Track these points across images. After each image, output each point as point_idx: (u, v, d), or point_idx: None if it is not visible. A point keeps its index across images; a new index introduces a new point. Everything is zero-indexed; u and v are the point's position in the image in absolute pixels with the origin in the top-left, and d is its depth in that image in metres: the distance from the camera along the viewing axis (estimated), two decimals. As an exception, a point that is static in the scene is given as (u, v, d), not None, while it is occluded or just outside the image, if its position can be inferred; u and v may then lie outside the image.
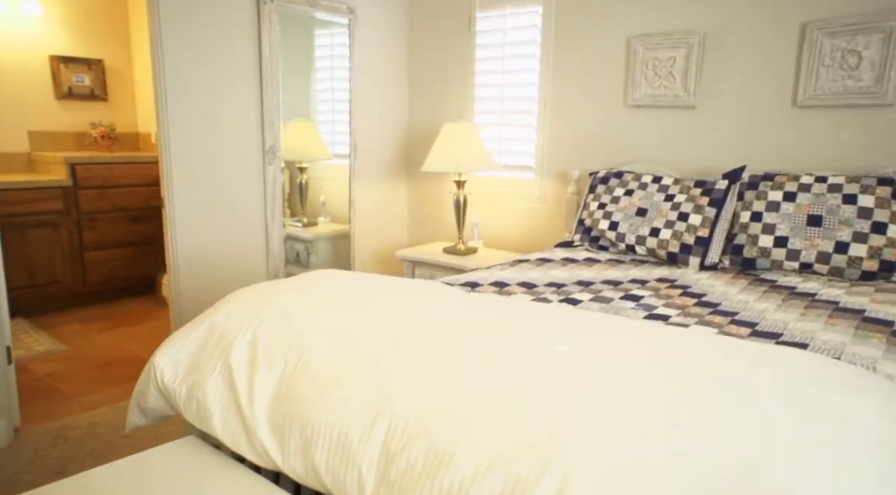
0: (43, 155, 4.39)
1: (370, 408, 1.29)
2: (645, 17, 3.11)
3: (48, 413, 2.86)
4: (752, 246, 2.56)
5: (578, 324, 1.61)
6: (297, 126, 3.94)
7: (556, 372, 1.29)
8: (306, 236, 4.00)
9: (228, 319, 1.71)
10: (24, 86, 4.47)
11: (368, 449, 1.25)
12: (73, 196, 4.23)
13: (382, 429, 1.25)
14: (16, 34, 4.38)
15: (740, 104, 2.91)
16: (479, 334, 1.51)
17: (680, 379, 1.25)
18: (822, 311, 2.01)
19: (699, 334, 1.60)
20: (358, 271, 3.93)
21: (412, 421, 1.23)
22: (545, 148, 3.52)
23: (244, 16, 3.13)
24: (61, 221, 4.20)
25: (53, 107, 4.62)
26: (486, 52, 3.67)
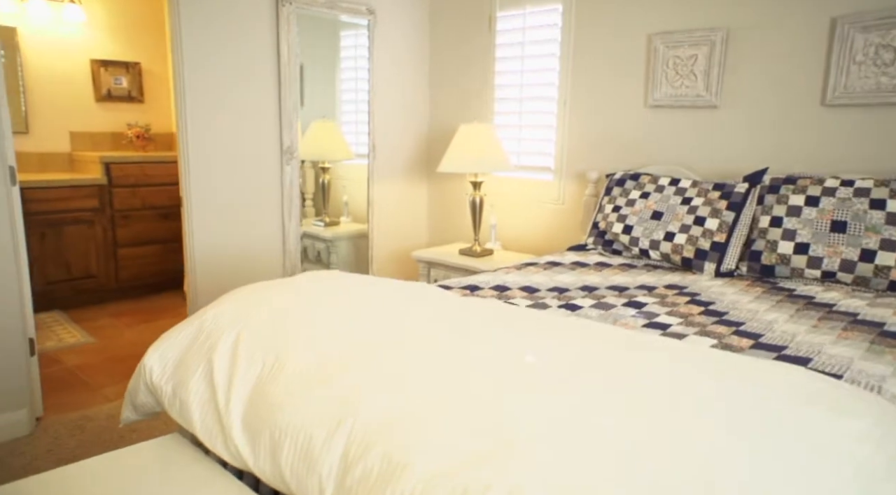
0: (82, 154, 4.55)
1: (334, 413, 1.28)
2: (666, 14, 3.01)
3: (71, 403, 2.95)
4: (771, 252, 2.45)
5: (557, 333, 1.56)
6: (320, 126, 3.97)
7: (519, 382, 1.25)
8: (326, 236, 4.03)
9: (216, 319, 1.73)
10: (67, 88, 4.64)
11: (329, 454, 1.23)
12: (107, 194, 4.36)
13: (344, 435, 1.23)
14: (60, 39, 4.55)
15: (765, 104, 2.79)
16: (453, 340, 1.47)
17: (645, 395, 1.20)
18: (837, 324, 1.90)
19: (681, 347, 1.53)
20: (375, 271, 3.95)
21: (372, 429, 1.21)
22: (564, 149, 3.45)
23: (262, 17, 3.17)
24: (96, 218, 4.34)
25: (93, 108, 4.78)
26: (506, 51, 3.62)
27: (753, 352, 1.67)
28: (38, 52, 4.47)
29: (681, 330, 1.85)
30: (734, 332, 1.83)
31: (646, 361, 1.36)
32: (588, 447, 1.06)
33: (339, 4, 3.47)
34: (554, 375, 1.28)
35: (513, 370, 1.30)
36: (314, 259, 4.12)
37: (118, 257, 4.48)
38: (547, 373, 1.29)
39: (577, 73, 3.35)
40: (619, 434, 1.08)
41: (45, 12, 4.43)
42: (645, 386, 1.23)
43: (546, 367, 1.32)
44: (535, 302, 2.14)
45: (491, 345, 1.44)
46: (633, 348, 1.47)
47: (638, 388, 1.22)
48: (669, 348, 1.49)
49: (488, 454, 1.07)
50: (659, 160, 3.10)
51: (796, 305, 2.10)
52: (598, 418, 1.13)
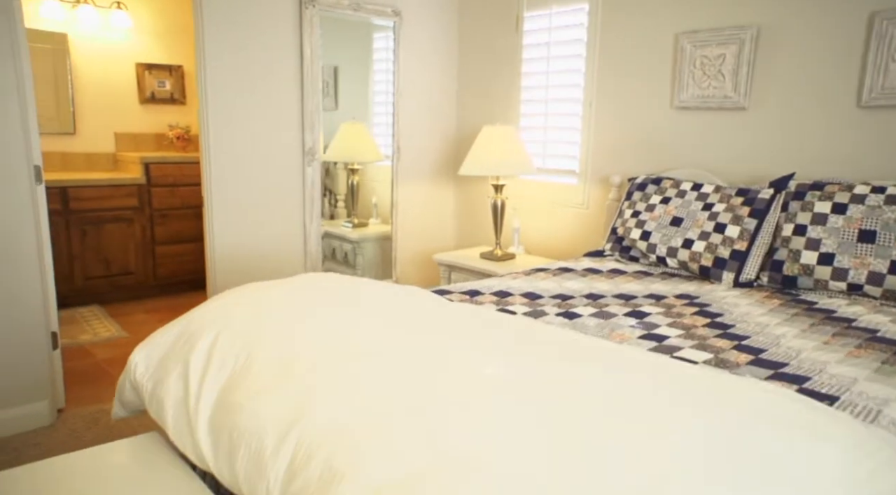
0: (125, 155, 4.71)
1: (287, 418, 1.26)
2: (694, 13, 2.89)
3: (93, 396, 3.04)
4: (794, 262, 2.30)
5: (526, 345, 1.50)
6: (349, 128, 3.99)
7: (470, 395, 1.20)
8: (353, 237, 4.04)
9: (200, 319, 1.74)
10: (113, 91, 4.82)
11: (278, 460, 1.21)
12: (146, 193, 4.50)
13: (293, 442, 1.21)
14: (108, 44, 4.73)
15: (796, 105, 2.64)
16: (419, 348, 1.44)
17: (599, 412, 1.13)
18: (852, 340, 1.77)
19: (654, 361, 1.45)
20: (399, 273, 3.94)
21: (318, 436, 1.19)
22: (589, 151, 3.35)
23: (286, 19, 3.20)
24: (135, 217, 4.48)
25: (137, 110, 4.95)
26: (533, 52, 3.55)
27: (749, 369, 1.57)
28: (86, 56, 4.65)
29: (678, 343, 1.76)
30: (735, 346, 1.73)
31: (619, 379, 1.29)
32: (532, 470, 1.00)
33: (364, 6, 3.48)
34: (511, 391, 1.22)
35: (470, 383, 1.25)
36: (341, 260, 4.14)
37: (156, 255, 4.62)
38: (503, 389, 1.23)
39: (603, 74, 3.25)
40: (566, 458, 1.03)
41: (94, 18, 4.62)
42: (606, 406, 1.16)
43: (506, 382, 1.27)
44: (534, 309, 2.07)
45: (454, 355, 1.40)
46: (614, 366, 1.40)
47: (595, 408, 1.16)
48: (650, 366, 1.41)
49: (426, 472, 1.03)
50: (685, 163, 2.98)
51: (812, 319, 1.97)
52: (547, 440, 1.07)
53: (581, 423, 1.10)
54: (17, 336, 2.62)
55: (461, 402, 1.19)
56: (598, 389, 1.22)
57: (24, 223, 2.59)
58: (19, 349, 2.63)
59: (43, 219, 2.68)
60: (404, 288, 2.03)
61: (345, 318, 1.63)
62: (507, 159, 3.26)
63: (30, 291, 2.64)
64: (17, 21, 2.50)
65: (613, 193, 3.16)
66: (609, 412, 1.15)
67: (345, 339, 1.50)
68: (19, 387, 2.66)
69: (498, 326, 1.65)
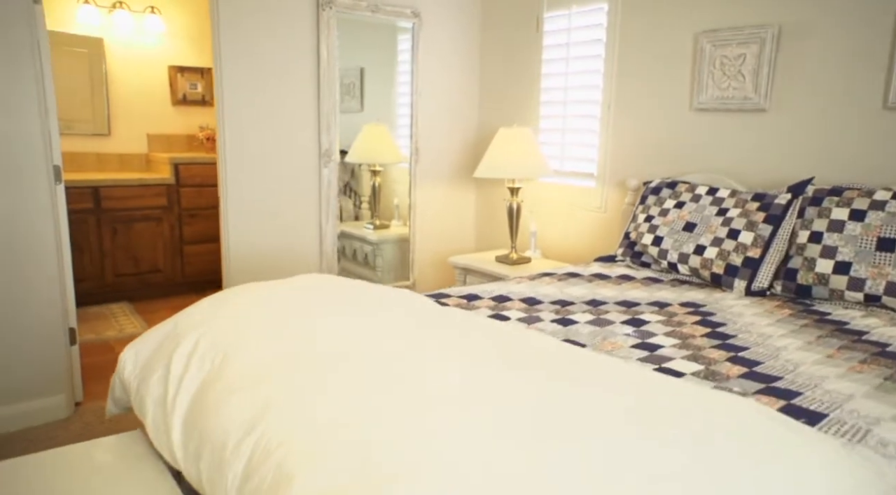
0: (156, 155, 4.84)
1: (249, 420, 1.26)
2: (714, 11, 2.80)
3: (112, 391, 3.12)
4: (808, 271, 2.20)
5: (506, 351, 1.47)
6: (371, 130, 4.01)
7: (428, 403, 1.18)
8: (373, 239, 4.05)
9: (189, 319, 1.76)
10: (147, 93, 4.95)
11: (237, 460, 1.21)
12: (175, 193, 4.61)
13: (252, 442, 1.21)
14: (141, 48, 4.86)
15: (818, 106, 2.53)
16: (388, 355, 1.42)
17: (551, 424, 1.09)
18: (858, 354, 1.68)
19: (626, 372, 1.40)
20: (416, 276, 3.93)
21: (275, 438, 1.18)
22: (607, 154, 3.28)
23: (303, 21, 3.23)
24: (164, 216, 4.59)
25: (169, 112, 5.07)
26: (552, 53, 3.50)
27: (739, 382, 1.50)
28: (121, 59, 4.79)
29: (670, 353, 1.70)
30: (730, 358, 1.66)
31: (581, 390, 1.25)
32: (478, 483, 0.98)
33: (383, 8, 3.48)
34: (471, 400, 1.20)
35: (429, 390, 1.23)
36: (361, 261, 4.16)
37: (184, 253, 4.72)
38: (464, 398, 1.21)
39: (622, 75, 3.18)
40: (511, 471, 1.00)
41: (129, 23, 4.75)
42: (561, 419, 1.13)
43: (468, 391, 1.24)
44: (530, 314, 2.04)
45: (420, 363, 1.38)
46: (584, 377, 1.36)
47: (550, 421, 1.12)
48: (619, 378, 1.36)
49: (372, 480, 1.01)
50: (703, 166, 2.89)
51: (820, 331, 1.88)
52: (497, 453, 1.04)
53: (530, 437, 1.07)
54: (36, 331, 2.71)
55: (416, 412, 1.17)
56: (559, 402, 1.18)
57: (44, 222, 2.67)
58: (38, 344, 2.72)
59: (62, 218, 2.76)
60: (399, 291, 2.02)
61: (323, 323, 1.62)
62: (523, 162, 3.21)
63: (49, 288, 2.72)
64: (38, 26, 2.58)
65: (629, 197, 3.09)
66: (567, 428, 1.11)
67: (317, 344, 1.49)
68: (38, 381, 2.74)
69: (477, 333, 1.62)
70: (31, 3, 2.57)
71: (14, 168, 2.57)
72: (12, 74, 2.52)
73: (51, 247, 2.71)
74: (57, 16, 4.51)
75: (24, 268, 2.64)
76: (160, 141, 5.03)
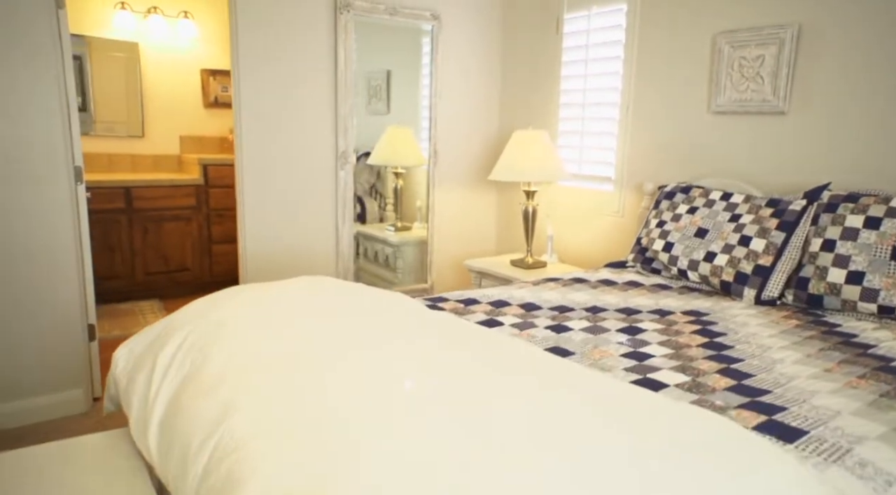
0: (187, 157, 4.96)
1: (213, 420, 1.28)
2: (733, 11, 2.72)
3: (132, 386, 3.21)
4: (820, 280, 2.12)
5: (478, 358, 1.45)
6: (394, 132, 4.03)
7: (380, 408, 1.18)
8: (393, 241, 4.07)
9: (181, 319, 1.79)
10: (180, 96, 5.09)
11: (198, 461, 1.23)
12: (204, 194, 4.72)
13: (212, 444, 1.23)
14: (175, 52, 5.00)
15: (840, 109, 2.43)
16: (358, 360, 1.42)
17: (502, 433, 1.08)
18: (858, 369, 1.61)
19: (599, 383, 1.37)
20: (434, 278, 3.93)
21: (233, 440, 1.20)
22: (625, 157, 3.22)
23: (320, 25, 3.26)
24: (193, 216, 4.70)
25: (202, 114, 5.20)
26: (572, 55, 3.46)
27: (724, 394, 1.45)
28: (155, 63, 4.93)
29: (659, 363, 1.65)
30: (720, 370, 1.60)
31: (542, 399, 1.23)
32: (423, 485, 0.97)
33: (401, 11, 3.50)
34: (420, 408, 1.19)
35: (384, 395, 1.23)
36: (382, 263, 4.19)
37: (212, 253, 4.83)
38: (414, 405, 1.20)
39: (641, 77, 3.12)
40: (452, 480, 0.99)
41: (163, 27, 4.89)
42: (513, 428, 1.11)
43: (421, 397, 1.23)
44: (525, 320, 2.01)
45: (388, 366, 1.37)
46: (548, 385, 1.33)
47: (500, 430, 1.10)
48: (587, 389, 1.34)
49: (318, 485, 1.02)
50: (720, 171, 2.80)
51: (825, 343, 1.80)
52: (441, 462, 1.03)
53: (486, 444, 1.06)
54: (56, 327, 2.81)
55: (369, 415, 1.16)
56: (519, 409, 1.17)
57: (65, 221, 2.77)
58: (58, 340, 2.82)
59: (83, 218, 2.85)
60: (393, 295, 2.02)
61: (303, 326, 1.63)
62: (538, 165, 3.18)
63: (68, 286, 2.82)
64: (62, 30, 2.66)
65: (645, 202, 3.03)
66: (525, 434, 1.09)
67: (293, 346, 1.50)
68: (57, 376, 2.84)
69: (456, 339, 1.60)
70: (54, 8, 2.67)
71: (36, 169, 2.67)
72: (35, 78, 2.62)
73: (71, 246, 2.80)
74: (94, 21, 4.68)
75: (45, 265, 2.74)
76: (192, 142, 5.15)
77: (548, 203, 3.64)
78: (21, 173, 2.65)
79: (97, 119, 4.83)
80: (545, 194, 3.64)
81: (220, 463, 1.16)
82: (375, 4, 3.39)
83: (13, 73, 2.58)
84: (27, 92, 2.61)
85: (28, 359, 2.77)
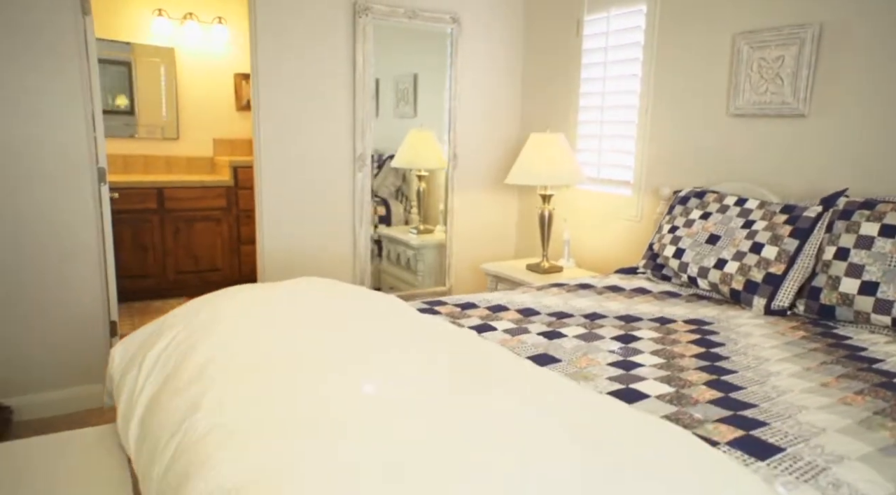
0: (220, 159, 5.08)
1: (179, 419, 1.30)
2: (753, 11, 2.63)
3: (154, 381, 3.30)
4: (832, 290, 2.03)
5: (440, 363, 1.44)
6: (416, 135, 4.05)
7: (332, 410, 1.18)
8: (414, 243, 4.08)
9: (173, 318, 1.83)
10: (213, 100, 5.22)
11: (163, 457, 1.26)
12: (234, 195, 4.82)
13: (178, 440, 1.25)
14: (209, 57, 5.13)
15: (863, 111, 2.32)
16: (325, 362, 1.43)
17: (442, 445, 1.06)
18: (858, 385, 1.53)
19: (565, 393, 1.34)
20: (452, 281, 3.92)
21: (194, 437, 1.22)
22: (644, 161, 3.16)
23: (339, 28, 3.30)
24: (223, 217, 4.81)
25: (234, 117, 5.32)
26: (591, 57, 3.40)
27: (706, 407, 1.40)
28: (190, 68, 5.07)
29: (646, 373, 1.61)
30: (709, 381, 1.55)
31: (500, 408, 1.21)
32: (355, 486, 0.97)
33: (421, 14, 3.50)
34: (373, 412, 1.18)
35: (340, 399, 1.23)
36: (404, 265, 4.20)
37: (241, 253, 4.93)
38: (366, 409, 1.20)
39: (660, 79, 3.05)
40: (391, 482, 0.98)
41: (198, 33, 5.02)
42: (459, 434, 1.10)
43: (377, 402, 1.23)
44: (519, 326, 1.99)
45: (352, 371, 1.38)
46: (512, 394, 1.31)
47: (447, 437, 1.09)
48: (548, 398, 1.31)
49: (255, 483, 1.03)
50: (738, 175, 2.72)
51: (828, 357, 1.73)
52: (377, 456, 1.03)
53: (424, 454, 1.05)
54: (79, 323, 2.91)
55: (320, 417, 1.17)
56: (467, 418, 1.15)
57: (88, 220, 2.87)
58: (81, 335, 2.92)
59: (106, 217, 2.94)
60: (384, 298, 2.02)
61: (284, 330, 1.64)
62: (555, 168, 3.14)
63: (92, 284, 2.92)
64: (87, 36, 2.76)
65: (662, 207, 2.95)
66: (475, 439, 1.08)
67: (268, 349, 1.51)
68: (80, 370, 2.95)
69: (434, 342, 1.59)
70: (80, 15, 2.77)
71: (61, 170, 2.77)
72: (63, 83, 2.73)
73: (94, 245, 2.90)
74: (134, 28, 4.84)
75: (69, 262, 2.85)
76: (224, 145, 5.28)
77: (566, 207, 3.59)
78: (47, 174, 2.76)
79: (140, 122, 5.00)
80: (564, 198, 3.60)
81: (179, 460, 1.18)
82: (394, 8, 3.41)
83: (41, 77, 2.69)
84: (55, 96, 2.72)
85: (51, 354, 2.88)
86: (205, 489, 1.04)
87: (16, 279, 2.77)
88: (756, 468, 1.15)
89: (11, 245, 2.74)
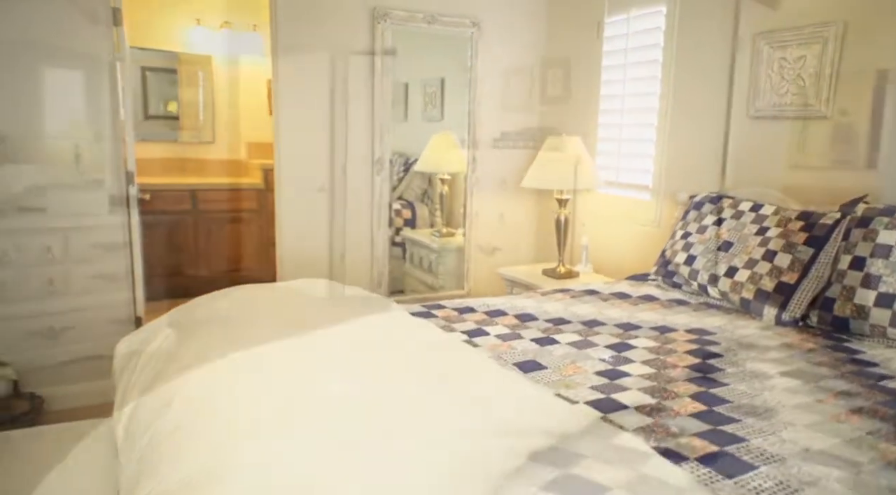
0: (252, 162, 5.19)
1: (153, 417, 1.33)
2: (773, 9, 2.53)
3: (176, 379, 3.38)
4: (846, 302, 1.93)
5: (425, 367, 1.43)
6: (439, 139, 4.05)
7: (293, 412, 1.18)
8: (433, 246, 4.08)
9: (169, 317, 1.88)
10: (248, 105, 5.33)
11: (135, 453, 1.28)
12: (264, 197, 4.91)
13: (151, 433, 1.28)
14: (244, 63, 5.25)
15: (887, 113, 2.20)
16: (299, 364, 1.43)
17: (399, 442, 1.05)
18: (856, 402, 1.45)
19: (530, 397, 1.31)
20: (471, 285, 3.90)
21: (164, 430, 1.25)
22: (662, 165, 3.07)
23: (358, 33, 3.33)
24: (254, 219, 4.91)
25: (267, 121, 5.37)
26: (611, 59, 3.34)
27: (685, 420, 1.35)
28: (225, 74, 5.20)
29: (630, 382, 1.56)
30: (695, 394, 1.49)
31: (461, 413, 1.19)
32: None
33: (440, 19, 3.50)
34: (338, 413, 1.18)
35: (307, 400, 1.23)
36: (426, 268, 4.20)
37: (270, 254, 5.00)
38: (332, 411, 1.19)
39: (679, 81, 2.96)
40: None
41: (233, 40, 5.14)
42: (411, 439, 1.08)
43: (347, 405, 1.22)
44: (513, 331, 1.96)
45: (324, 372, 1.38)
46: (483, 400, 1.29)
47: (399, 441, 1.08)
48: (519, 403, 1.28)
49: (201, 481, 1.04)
50: (758, 179, 2.61)
51: (832, 372, 1.64)
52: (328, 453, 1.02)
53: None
54: (107, 319, 3.02)
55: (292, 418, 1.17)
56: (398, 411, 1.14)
57: (117, 221, 2.98)
58: (108, 330, 3.02)
59: (134, 218, 3.04)
60: (381, 301, 2.03)
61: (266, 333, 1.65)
62: (570, 172, 3.09)
63: (119, 281, 3.04)
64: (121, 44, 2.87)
65: (679, 212, 2.87)
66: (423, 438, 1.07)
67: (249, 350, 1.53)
68: (106, 364, 3.03)
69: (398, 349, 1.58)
70: (111, 27, 2.88)
71: (93, 172, 2.90)
72: (97, 89, 2.87)
73: (121, 245, 3.01)
74: (175, 37, 5.00)
75: (98, 260, 2.97)
76: (257, 148, 5.38)
77: (584, 211, 3.53)
78: (79, 176, 2.88)
79: (184, 127, 5.17)
80: (582, 202, 3.54)
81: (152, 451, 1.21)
82: (413, 13, 3.41)
83: (75, 85, 2.83)
84: (89, 103, 2.86)
85: (78, 347, 2.99)
86: (150, 489, 1.06)
87: (48, 277, 2.90)
88: (721, 487, 1.10)
89: (45, 244, 2.87)
